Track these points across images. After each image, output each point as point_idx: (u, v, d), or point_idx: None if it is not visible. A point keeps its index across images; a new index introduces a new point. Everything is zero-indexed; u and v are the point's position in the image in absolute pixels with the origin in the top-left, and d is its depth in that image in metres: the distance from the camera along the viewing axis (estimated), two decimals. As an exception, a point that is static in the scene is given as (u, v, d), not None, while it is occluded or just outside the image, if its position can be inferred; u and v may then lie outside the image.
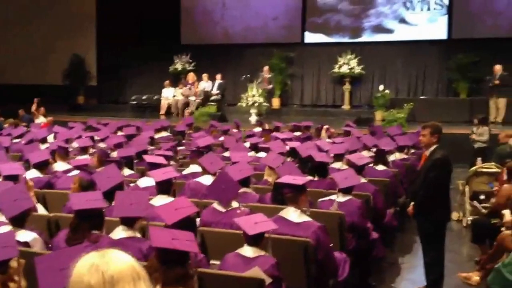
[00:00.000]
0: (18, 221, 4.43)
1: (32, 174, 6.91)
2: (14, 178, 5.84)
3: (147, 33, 20.57)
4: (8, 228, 4.37)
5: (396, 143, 8.91)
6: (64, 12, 21.22)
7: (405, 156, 8.89)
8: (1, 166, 6.20)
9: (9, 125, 12.61)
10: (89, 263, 1.61)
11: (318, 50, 19.68)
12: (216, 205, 5.20)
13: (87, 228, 4.26)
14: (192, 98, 17.69)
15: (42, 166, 7.12)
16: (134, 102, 19.17)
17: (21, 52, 21.02)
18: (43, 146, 8.98)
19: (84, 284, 1.58)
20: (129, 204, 4.41)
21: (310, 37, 19.86)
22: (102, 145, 9.64)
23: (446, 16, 18.20)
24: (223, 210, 5.12)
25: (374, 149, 8.21)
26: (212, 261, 4.47)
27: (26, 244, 4.31)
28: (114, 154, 8.08)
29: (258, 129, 12.03)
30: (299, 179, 4.96)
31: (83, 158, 7.85)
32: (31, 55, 21.09)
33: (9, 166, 6.26)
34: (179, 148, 9.52)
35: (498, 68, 14.98)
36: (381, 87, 17.07)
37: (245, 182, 5.85)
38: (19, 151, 8.89)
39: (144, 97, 19.15)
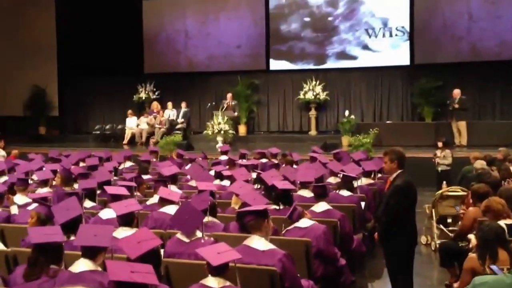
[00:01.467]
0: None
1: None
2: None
3: (109, 62, 20.41)
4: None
5: (362, 168, 8.93)
6: (24, 43, 20.92)
7: (372, 181, 8.91)
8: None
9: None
10: None
11: (283, 76, 19.86)
12: (179, 236, 5.08)
13: (46, 263, 4.13)
14: (157, 127, 17.54)
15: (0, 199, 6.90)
16: (97, 132, 18.93)
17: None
18: (1, 179, 8.71)
19: None
20: (93, 235, 4.31)
21: (275, 64, 20.03)
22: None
23: (408, 42, 18.59)
24: (187, 240, 5.00)
25: (341, 175, 8.20)
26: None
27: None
28: (76, 186, 7.90)
29: (224, 157, 11.95)
30: (260, 205, 4.90)
31: (44, 192, 7.66)
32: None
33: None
34: (144, 177, 9.35)
35: (457, 92, 15.39)
36: (346, 113, 17.25)
37: (211, 211, 5.75)
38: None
39: (107, 127, 18.96)
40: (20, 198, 7.49)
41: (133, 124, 18.25)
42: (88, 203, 7.07)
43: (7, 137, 17.71)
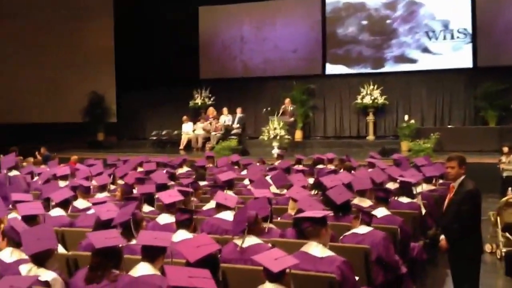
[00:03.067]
0: (39, 260, 4.35)
1: (56, 212, 6.85)
2: (32, 218, 5.75)
3: (166, 69, 20.74)
4: (28, 266, 4.31)
5: (423, 174, 8.67)
6: (84, 51, 21.54)
7: (433, 187, 8.64)
8: (20, 206, 6.13)
9: (28, 164, 12.65)
10: None
11: (339, 81, 19.67)
12: (236, 241, 5.05)
13: (107, 267, 4.18)
14: (213, 133, 17.67)
15: (65, 204, 7.06)
16: (154, 138, 19.22)
17: (40, 90, 21.29)
18: (62, 184, 8.93)
19: None
20: (153, 238, 4.36)
21: (331, 69, 19.86)
22: (121, 182, 9.56)
23: (470, 45, 18.06)
24: (244, 246, 4.96)
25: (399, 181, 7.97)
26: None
27: (46, 283, 4.23)
28: (135, 191, 8.00)
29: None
30: (319, 212, 4.80)
31: (102, 196, 7.81)
32: (50, 94, 21.35)
33: (28, 206, 6.19)
34: (200, 183, 9.39)
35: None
36: (406, 117, 16.89)
37: (267, 217, 5.70)
38: (38, 190, 8.84)
39: (163, 133, 19.21)
40: (81, 203, 7.65)
41: (189, 129, 18.45)
42: (146, 208, 7.14)
43: (67, 144, 18.31)
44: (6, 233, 4.85)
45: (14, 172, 9.95)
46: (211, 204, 7.24)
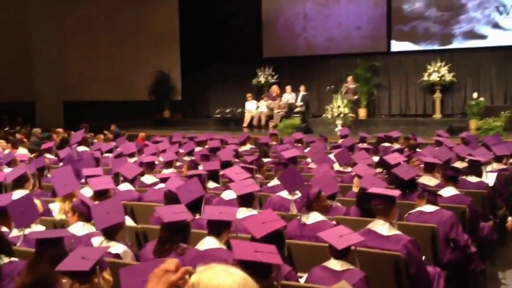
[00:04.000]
0: (110, 233, 4.51)
1: (125, 187, 7.07)
2: (103, 193, 5.97)
3: (229, 48, 20.84)
4: (100, 239, 4.48)
5: (493, 153, 8.38)
6: (149, 31, 21.92)
7: (504, 166, 8.34)
8: (92, 180, 6.38)
9: (99, 141, 13.09)
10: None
11: (405, 58, 19.17)
12: (302, 218, 5.07)
13: (175, 240, 4.31)
14: (276, 111, 17.68)
15: (133, 179, 7.29)
16: (218, 116, 19.41)
17: (108, 70, 21.90)
18: (131, 160, 9.20)
19: None
20: (218, 212, 4.44)
21: (397, 46, 19.38)
22: (187, 158, 9.76)
23: (544, 19, 17.20)
24: (308, 223, 4.97)
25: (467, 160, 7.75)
26: (299, 274, 4.35)
27: (117, 256, 4.39)
28: (200, 167, 8.14)
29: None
30: (392, 191, 4.74)
31: (169, 172, 8.00)
32: (118, 73, 21.92)
33: (99, 180, 6.43)
34: (264, 160, 9.45)
35: None
36: (475, 95, 16.31)
37: (333, 195, 5.69)
38: (108, 165, 9.15)
39: (227, 110, 19.35)
40: (148, 178, 7.86)
41: (252, 107, 18.53)
42: (211, 184, 7.25)
43: (134, 121, 18.79)
44: (77, 208, 5.06)
45: (83, 148, 10.31)
46: (275, 181, 7.29)
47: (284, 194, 6.25)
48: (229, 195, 6.26)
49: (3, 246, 4.01)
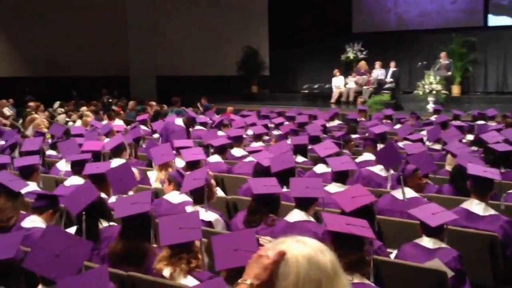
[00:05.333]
0: (198, 199, 4.68)
1: (214, 159, 7.26)
2: (195, 164, 6.15)
3: (318, 23, 20.60)
4: (193, 207, 4.65)
5: None
6: (239, 6, 22.08)
7: None
8: (184, 152, 6.59)
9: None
10: (306, 256, 1.55)
11: (503, 33, 18.13)
12: (394, 193, 4.99)
13: (264, 212, 4.40)
14: (364, 87, 17.37)
15: (223, 151, 7.46)
16: (306, 91, 19.33)
17: (199, 45, 22.29)
18: (220, 133, 9.39)
19: (311, 279, 1.53)
20: (305, 187, 4.46)
21: (494, 20, 18.38)
22: (276, 132, 9.83)
23: None
24: (401, 198, 4.89)
25: None
26: (388, 250, 4.31)
27: (209, 223, 4.54)
28: (288, 141, 8.20)
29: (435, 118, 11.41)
30: (493, 173, 4.56)
31: (257, 146, 8.11)
32: (208, 48, 22.27)
33: (191, 151, 6.64)
34: (352, 136, 9.36)
35: None
36: None
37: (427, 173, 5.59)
38: (199, 138, 9.39)
39: (315, 86, 19.21)
40: (237, 151, 8.01)
41: (340, 83, 18.28)
42: (299, 158, 7.28)
43: (223, 96, 19.09)
44: (173, 178, 5.26)
45: (179, 121, 10.63)
46: (363, 157, 7.21)
47: (376, 169, 6.17)
48: (321, 168, 6.27)
49: (103, 211, 4.25)
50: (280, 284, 1.54)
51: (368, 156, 7.08)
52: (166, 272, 3.31)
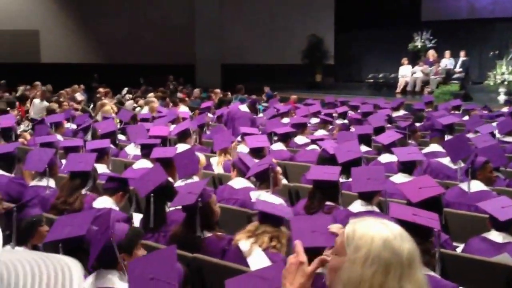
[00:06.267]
0: (265, 185, 4.75)
1: (278, 147, 7.29)
2: (259, 150, 6.21)
3: (385, 11, 20.18)
4: (258, 192, 4.71)
5: None
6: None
7: None
8: (248, 138, 6.66)
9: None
10: (382, 238, 1.56)
11: None
12: (463, 186, 4.87)
13: (322, 199, 4.42)
14: (432, 77, 16.91)
15: (286, 139, 7.48)
16: (371, 80, 19.04)
17: (264, 34, 22.31)
18: (283, 121, 9.41)
19: (381, 260, 1.54)
20: (367, 179, 4.42)
21: None
22: (339, 121, 9.76)
23: None
24: (469, 191, 4.77)
25: None
26: (454, 243, 4.22)
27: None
28: (352, 130, 8.12)
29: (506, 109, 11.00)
30: None
31: (320, 134, 8.09)
32: (273, 37, 22.26)
33: (255, 138, 6.70)
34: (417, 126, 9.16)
35: None
36: None
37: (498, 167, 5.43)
38: (261, 125, 9.44)
39: (380, 75, 18.89)
40: (300, 139, 8.01)
41: (407, 72, 17.87)
42: (363, 148, 7.19)
43: (286, 84, 19.07)
44: (236, 165, 5.35)
45: (243, 108, 10.72)
46: (430, 148, 7.06)
47: (445, 160, 6.03)
48: (386, 158, 6.19)
49: (171, 195, 4.36)
50: (350, 255, 1.56)
51: (435, 147, 6.91)
52: (245, 244, 3.43)
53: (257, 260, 3.38)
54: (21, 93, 14.57)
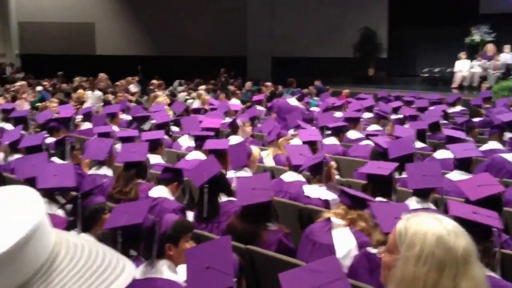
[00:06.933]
0: (318, 179, 4.76)
1: (330, 141, 7.24)
2: (311, 144, 6.17)
3: (441, 3, 19.69)
4: (312, 187, 4.72)
5: None
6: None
7: None
8: (301, 132, 6.65)
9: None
10: (436, 234, 1.53)
11: None
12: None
13: (374, 193, 4.36)
14: (490, 71, 16.39)
15: (339, 134, 7.41)
16: (426, 75, 18.62)
17: (315, 27, 22.11)
18: (337, 115, 9.32)
19: (435, 258, 1.51)
20: (422, 175, 4.35)
21: None
22: (393, 117, 9.59)
23: None
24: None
25: None
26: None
27: (326, 202, 4.63)
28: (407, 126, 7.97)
29: None
30: None
31: (373, 129, 7.98)
32: (324, 30, 22.03)
33: (308, 132, 6.68)
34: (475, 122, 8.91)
35: None
36: None
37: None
38: (314, 119, 9.36)
39: (436, 70, 18.45)
40: (353, 134, 7.92)
41: (464, 67, 17.38)
42: (418, 144, 7.06)
43: (337, 78, 18.87)
44: (287, 159, 5.35)
45: (294, 102, 10.69)
46: (489, 145, 6.85)
47: (509, 156, 5.85)
48: (442, 154, 6.06)
49: (224, 186, 4.40)
50: (403, 253, 1.53)
51: (494, 144, 6.70)
52: (337, 220, 3.59)
53: (343, 235, 3.52)
54: (77, 84, 14.97)
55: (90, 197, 3.70)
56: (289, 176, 5.14)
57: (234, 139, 6.64)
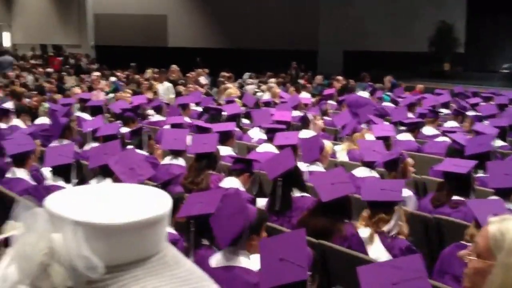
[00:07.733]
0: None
1: (405, 137, 7.08)
2: (384, 139, 6.05)
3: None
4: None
5: None
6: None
7: None
8: (374, 127, 6.56)
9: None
10: None
11: None
12: None
13: (450, 192, 4.26)
14: None
15: (414, 130, 7.25)
16: (506, 71, 17.84)
17: (388, 20, 21.60)
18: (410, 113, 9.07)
19: None
20: (505, 174, 4.23)
21: None
22: (470, 113, 9.22)
23: None
24: None
25: None
26: None
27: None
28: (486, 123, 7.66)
29: None
30: None
31: (450, 125, 7.73)
32: (400, 24, 21.49)
33: (381, 127, 6.58)
34: None
35: None
36: None
37: None
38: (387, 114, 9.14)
39: (518, 66, 17.67)
40: (428, 130, 7.69)
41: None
42: (498, 142, 6.77)
43: (410, 73, 18.37)
44: (359, 155, 5.25)
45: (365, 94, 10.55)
46: None
47: None
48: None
49: (298, 181, 4.34)
50: (501, 259, 1.47)
51: None
52: (364, 231, 3.49)
53: (376, 249, 3.39)
54: (149, 75, 15.26)
55: (168, 187, 3.74)
56: (362, 172, 5.05)
57: (306, 133, 6.58)
